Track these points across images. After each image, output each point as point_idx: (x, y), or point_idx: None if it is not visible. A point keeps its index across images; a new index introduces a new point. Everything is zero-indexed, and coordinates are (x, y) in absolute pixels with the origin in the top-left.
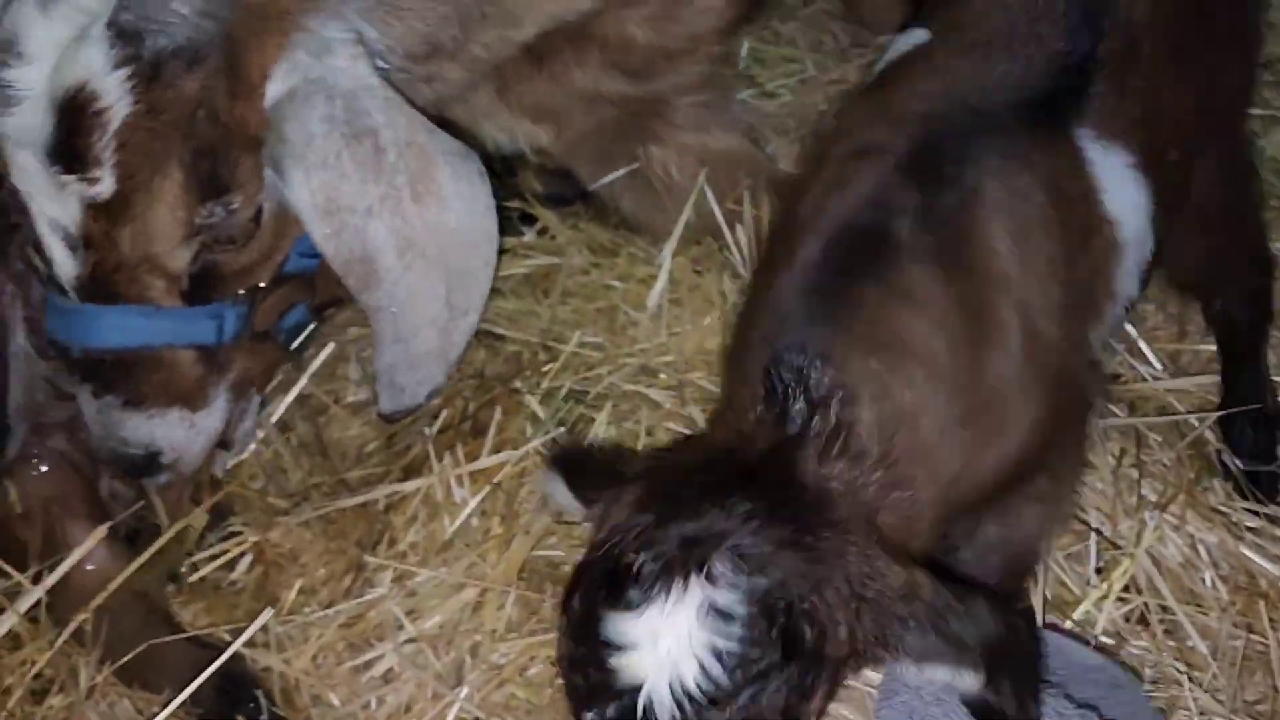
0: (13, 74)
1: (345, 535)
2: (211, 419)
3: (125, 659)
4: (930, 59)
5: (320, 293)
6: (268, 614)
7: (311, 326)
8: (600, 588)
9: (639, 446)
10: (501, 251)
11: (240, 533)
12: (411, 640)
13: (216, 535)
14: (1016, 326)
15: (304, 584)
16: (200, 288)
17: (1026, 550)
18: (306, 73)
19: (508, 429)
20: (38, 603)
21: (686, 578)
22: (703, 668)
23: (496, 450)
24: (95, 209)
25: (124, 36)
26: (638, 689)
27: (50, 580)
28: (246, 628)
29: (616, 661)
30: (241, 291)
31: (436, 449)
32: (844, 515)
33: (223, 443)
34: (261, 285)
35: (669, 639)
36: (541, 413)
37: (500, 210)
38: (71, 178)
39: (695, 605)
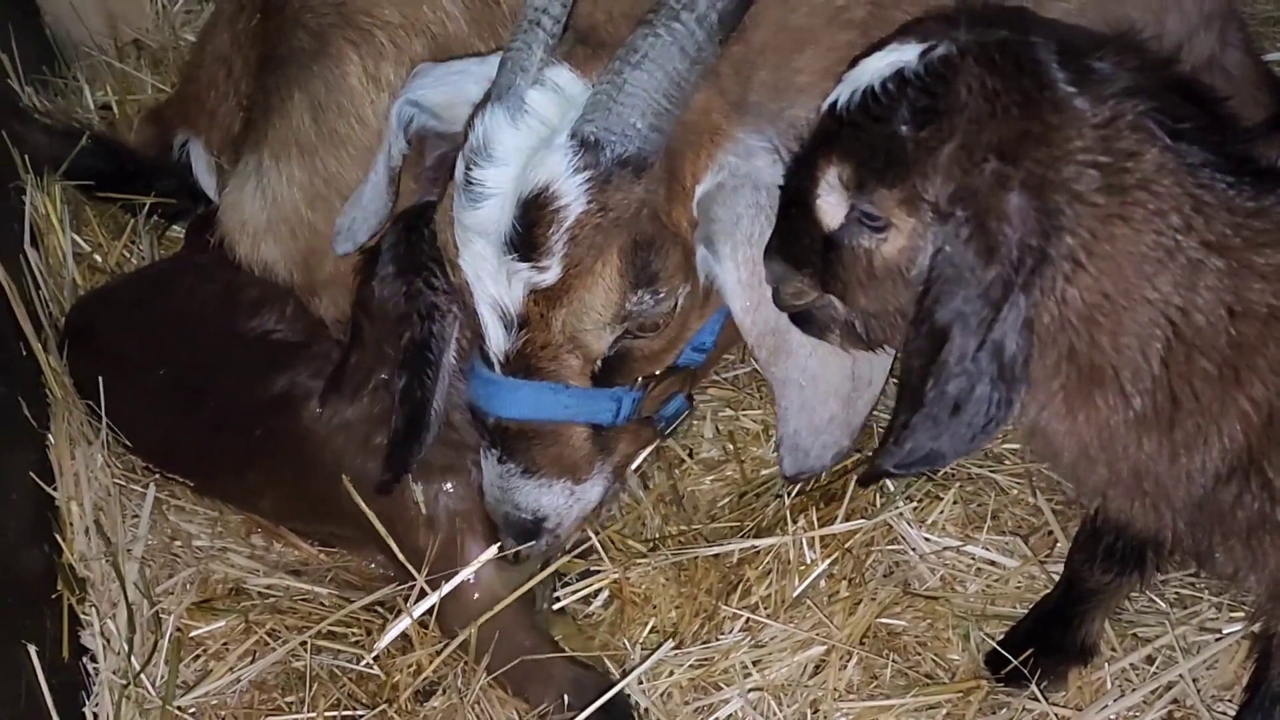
0: (483, 174)
1: (697, 583)
2: (592, 492)
3: (506, 669)
4: None
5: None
6: (667, 647)
7: (686, 414)
8: None
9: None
10: None
11: (600, 570)
12: (757, 689)
13: (578, 571)
14: None
15: (656, 624)
16: (608, 372)
17: None
18: (734, 170)
19: (858, 498)
20: (430, 609)
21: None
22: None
23: (848, 518)
24: (537, 293)
25: (585, 146)
26: None
27: (446, 589)
28: (614, 656)
29: None
30: (639, 379)
31: (790, 512)
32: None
33: None
34: (657, 374)
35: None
36: (892, 485)
37: None
38: (524, 265)
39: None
